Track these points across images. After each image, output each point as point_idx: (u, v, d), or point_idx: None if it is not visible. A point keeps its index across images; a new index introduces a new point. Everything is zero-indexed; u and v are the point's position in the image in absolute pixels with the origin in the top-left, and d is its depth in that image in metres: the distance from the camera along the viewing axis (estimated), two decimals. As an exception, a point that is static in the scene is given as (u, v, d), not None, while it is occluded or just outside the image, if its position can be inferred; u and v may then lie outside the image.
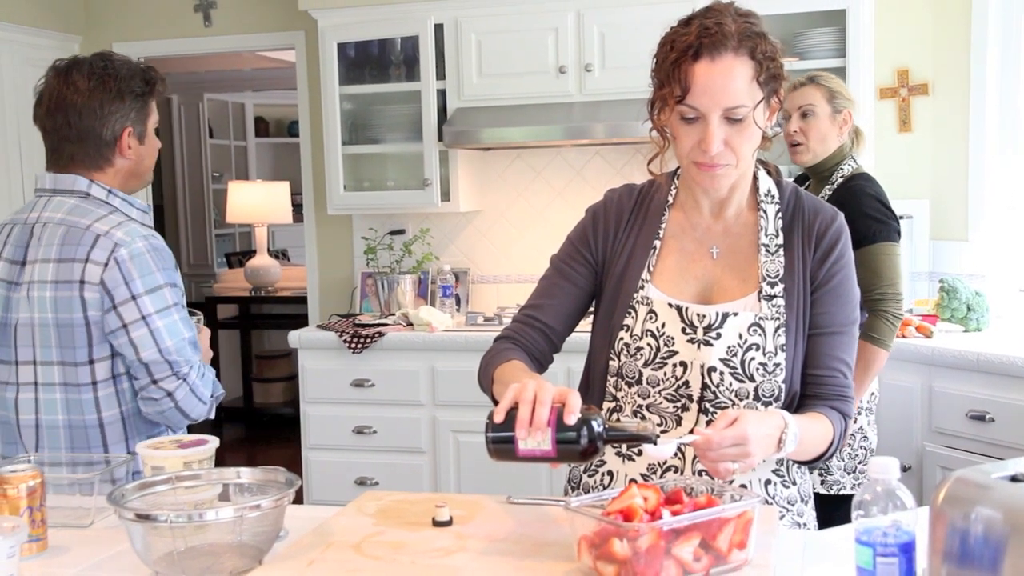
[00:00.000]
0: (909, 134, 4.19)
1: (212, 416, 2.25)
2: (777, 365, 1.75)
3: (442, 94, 4.44)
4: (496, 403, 1.69)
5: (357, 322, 4.39)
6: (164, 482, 1.68)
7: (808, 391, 1.79)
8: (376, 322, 4.36)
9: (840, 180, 3.07)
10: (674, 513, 1.40)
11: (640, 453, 1.79)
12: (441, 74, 4.42)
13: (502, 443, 1.53)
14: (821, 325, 1.79)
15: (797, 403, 1.79)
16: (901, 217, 4.03)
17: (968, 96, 4.04)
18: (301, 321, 5.17)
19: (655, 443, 1.56)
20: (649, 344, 1.78)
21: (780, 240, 1.80)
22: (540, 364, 1.88)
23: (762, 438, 1.57)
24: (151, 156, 2.31)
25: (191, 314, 2.37)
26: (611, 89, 4.18)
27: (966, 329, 3.70)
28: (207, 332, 2.40)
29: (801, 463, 1.82)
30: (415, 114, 4.49)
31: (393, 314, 4.47)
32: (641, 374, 1.78)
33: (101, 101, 2.20)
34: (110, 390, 2.16)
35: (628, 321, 1.81)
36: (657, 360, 1.77)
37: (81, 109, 2.20)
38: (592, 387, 1.88)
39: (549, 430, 1.50)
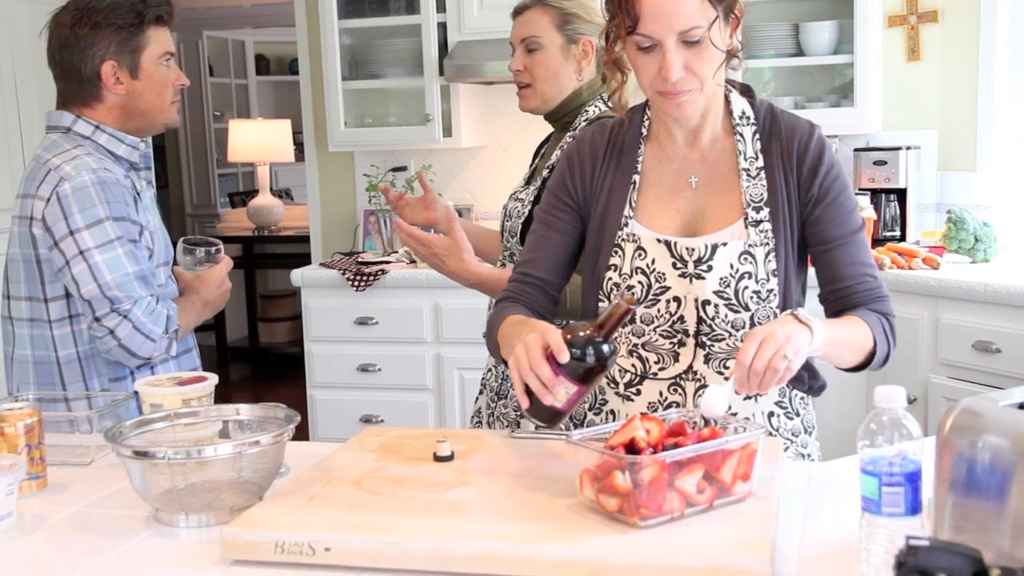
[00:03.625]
0: (917, 63, 4.12)
1: (172, 354, 2.18)
2: (770, 291, 1.72)
3: (443, 27, 4.37)
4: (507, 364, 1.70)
5: (360, 260, 4.37)
6: (163, 419, 1.67)
7: (838, 305, 1.76)
8: (379, 260, 4.34)
9: (583, 126, 2.21)
10: (677, 445, 1.39)
11: (640, 393, 1.78)
12: (441, 6, 4.34)
13: (546, 415, 1.55)
14: (832, 238, 1.75)
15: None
16: (908, 148, 4.02)
17: (978, 24, 3.96)
18: (304, 260, 5.15)
19: (635, 312, 1.69)
20: (640, 282, 1.75)
21: (760, 163, 1.76)
22: (543, 319, 1.84)
23: (773, 327, 1.52)
24: (153, 92, 2.21)
25: (209, 244, 2.34)
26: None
27: (973, 260, 3.67)
28: (228, 262, 2.37)
29: (852, 370, 1.76)
30: (415, 48, 4.42)
31: (396, 251, 4.44)
32: (634, 312, 1.76)
33: (77, 35, 2.14)
34: (66, 329, 2.14)
35: (615, 261, 1.77)
36: (650, 297, 1.74)
37: (61, 44, 2.17)
38: None
39: (561, 377, 1.51)
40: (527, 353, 1.51)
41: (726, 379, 1.56)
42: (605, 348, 1.53)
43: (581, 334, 1.53)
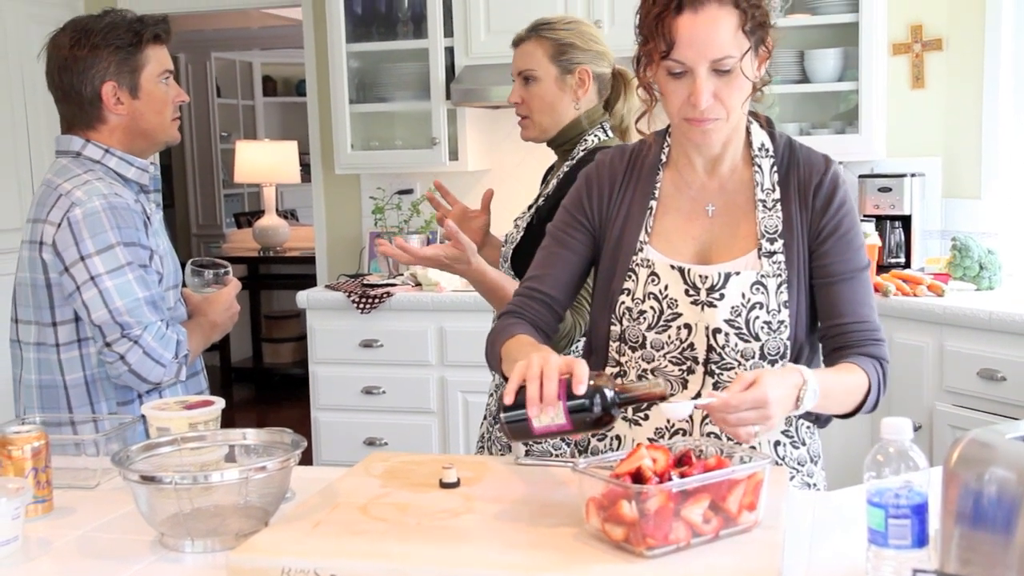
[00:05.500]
0: (922, 91, 4.14)
1: (182, 379, 2.18)
2: (781, 322, 1.73)
3: (450, 51, 4.39)
4: (507, 380, 1.69)
5: (365, 282, 4.38)
6: (169, 443, 1.67)
7: (836, 343, 1.75)
8: (384, 282, 4.34)
9: (581, 154, 2.35)
10: (683, 475, 1.38)
11: (647, 418, 1.78)
12: (449, 31, 4.37)
13: (516, 423, 1.51)
14: (836, 273, 1.75)
15: (827, 358, 1.76)
16: (913, 175, 4.03)
17: (982, 52, 3.98)
18: (310, 281, 5.16)
19: (668, 400, 1.55)
20: (652, 307, 1.75)
21: (777, 195, 1.78)
22: (545, 336, 1.85)
23: (782, 399, 1.53)
24: (155, 111, 2.21)
25: (218, 265, 2.35)
26: (621, 46, 4.08)
27: (978, 288, 3.67)
28: (236, 284, 2.37)
29: (841, 416, 1.76)
30: (423, 72, 4.45)
31: (401, 274, 4.45)
32: (645, 338, 1.76)
33: (76, 57, 2.14)
34: (74, 353, 2.14)
35: (628, 285, 1.78)
36: (661, 323, 1.75)
37: (61, 67, 2.16)
38: (595, 353, 1.86)
39: (560, 404, 1.49)
40: (546, 363, 1.50)
41: (698, 394, 1.59)
42: (614, 411, 1.51)
43: (603, 382, 1.51)
